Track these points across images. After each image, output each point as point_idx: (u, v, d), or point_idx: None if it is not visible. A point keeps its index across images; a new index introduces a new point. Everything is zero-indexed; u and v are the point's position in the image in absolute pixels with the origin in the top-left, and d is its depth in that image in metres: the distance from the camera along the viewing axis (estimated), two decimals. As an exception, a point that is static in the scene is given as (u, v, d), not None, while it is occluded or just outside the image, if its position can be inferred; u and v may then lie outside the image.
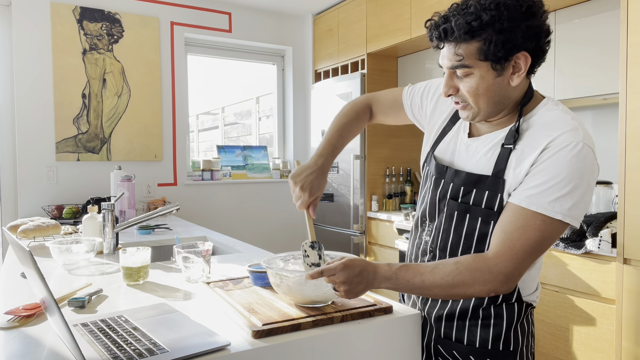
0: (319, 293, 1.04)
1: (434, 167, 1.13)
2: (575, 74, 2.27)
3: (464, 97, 1.01)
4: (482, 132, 1.08)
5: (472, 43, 0.94)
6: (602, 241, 1.88)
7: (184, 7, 3.47)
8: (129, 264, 1.35)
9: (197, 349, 0.86)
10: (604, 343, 1.90)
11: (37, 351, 0.89)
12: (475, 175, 1.03)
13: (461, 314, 1.07)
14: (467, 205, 1.04)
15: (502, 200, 0.99)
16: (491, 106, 1.00)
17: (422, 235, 1.16)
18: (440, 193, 1.10)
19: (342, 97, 3.41)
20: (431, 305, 1.12)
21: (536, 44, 0.95)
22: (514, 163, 0.98)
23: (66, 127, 3.08)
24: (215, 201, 3.62)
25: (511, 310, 1.05)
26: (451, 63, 0.99)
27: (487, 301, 1.04)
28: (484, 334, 1.05)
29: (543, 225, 0.93)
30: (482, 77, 0.97)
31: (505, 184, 0.99)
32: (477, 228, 1.04)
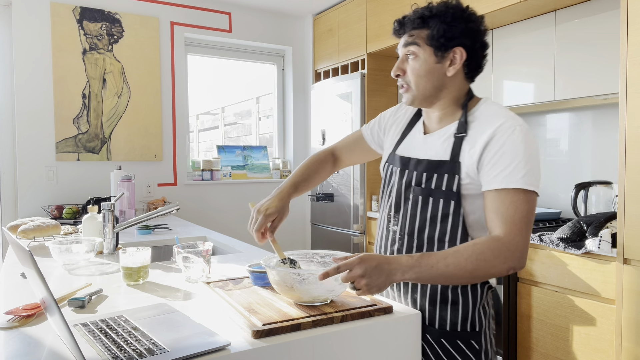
0: (320, 292, 1.05)
1: (398, 160, 1.26)
2: (575, 74, 2.27)
3: (407, 79, 1.20)
4: (433, 129, 1.24)
5: (422, 30, 1.17)
6: (602, 241, 1.88)
7: (184, 7, 3.47)
8: (129, 264, 1.35)
9: (197, 349, 0.86)
10: (604, 343, 1.90)
11: (37, 351, 0.89)
12: (435, 161, 1.17)
13: (432, 300, 1.16)
14: (430, 189, 1.17)
15: (460, 180, 1.13)
16: (429, 89, 1.18)
17: (390, 227, 1.25)
18: (406, 182, 1.22)
19: (342, 97, 3.41)
20: (404, 291, 1.20)
21: (472, 44, 1.16)
22: (467, 148, 1.13)
23: (66, 127, 3.08)
24: (215, 201, 3.62)
25: (474, 292, 1.15)
26: (405, 41, 1.20)
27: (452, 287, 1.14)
28: (453, 316, 1.14)
29: (525, 197, 1.07)
30: (425, 61, 1.16)
31: (462, 165, 1.13)
32: (440, 209, 1.15)
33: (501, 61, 2.61)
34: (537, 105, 2.50)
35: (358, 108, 3.27)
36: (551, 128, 2.72)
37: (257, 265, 1.28)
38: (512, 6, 2.31)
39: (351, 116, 3.32)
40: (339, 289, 1.08)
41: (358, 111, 3.27)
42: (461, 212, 1.13)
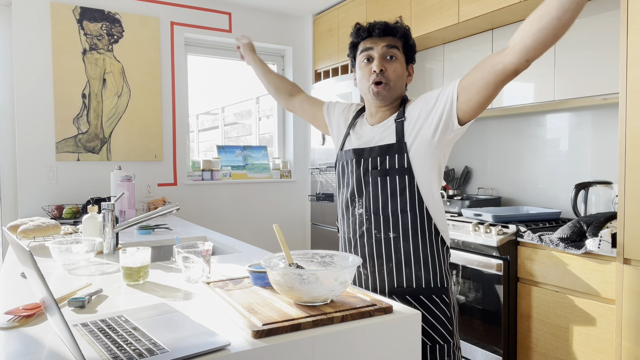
0: (320, 292, 1.05)
1: (351, 153, 1.43)
2: (575, 74, 2.27)
3: (388, 77, 1.38)
4: (375, 121, 1.45)
5: (401, 41, 1.41)
6: (602, 241, 1.88)
7: (184, 7, 3.47)
8: (129, 264, 1.35)
9: (197, 349, 0.86)
10: (604, 343, 1.90)
11: (37, 351, 0.89)
12: (385, 146, 1.36)
13: (407, 262, 1.34)
14: (385, 169, 1.35)
15: (409, 158, 1.33)
16: (400, 89, 1.41)
17: (355, 212, 1.42)
18: (363, 169, 1.39)
19: (342, 97, 3.41)
20: (379, 263, 1.36)
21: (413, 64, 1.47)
22: (410, 127, 1.35)
23: (66, 127, 3.09)
24: (215, 201, 3.62)
25: (439, 253, 1.36)
26: (387, 43, 1.38)
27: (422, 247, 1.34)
28: (426, 274, 1.34)
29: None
30: (401, 65, 1.40)
31: (407, 145, 1.34)
32: (397, 183, 1.34)
33: (501, 61, 2.61)
34: (537, 105, 2.51)
35: (358, 108, 3.26)
36: (551, 128, 2.72)
37: (257, 265, 1.28)
38: (512, 6, 2.31)
39: (351, 116, 3.32)
40: (339, 289, 1.08)
41: (358, 111, 3.26)
42: (415, 184, 1.33)
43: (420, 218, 1.34)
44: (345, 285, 1.09)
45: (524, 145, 2.86)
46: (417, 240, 1.34)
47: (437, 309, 1.32)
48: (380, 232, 1.36)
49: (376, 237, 1.37)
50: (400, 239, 1.34)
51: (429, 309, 1.32)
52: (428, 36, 2.84)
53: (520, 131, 2.87)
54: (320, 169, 3.63)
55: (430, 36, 2.84)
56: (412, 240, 1.34)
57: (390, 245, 1.35)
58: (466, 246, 2.39)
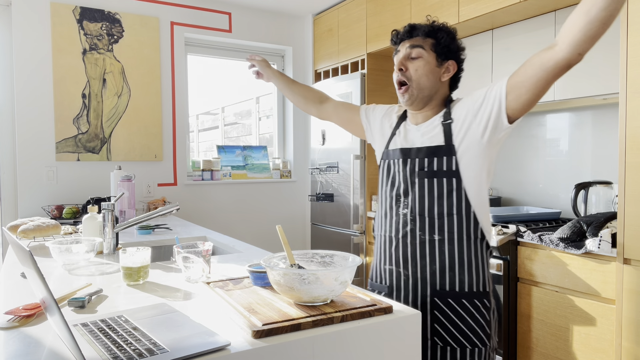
0: (320, 292, 1.05)
1: (398, 152, 1.42)
2: (575, 74, 2.27)
3: (409, 76, 1.37)
4: (420, 122, 1.44)
5: (429, 39, 1.38)
6: (602, 241, 1.88)
7: (184, 7, 3.47)
8: (129, 264, 1.35)
9: (197, 349, 0.86)
10: (604, 343, 1.90)
11: (37, 351, 0.89)
12: (432, 147, 1.35)
13: (451, 266, 1.33)
14: (432, 171, 1.34)
15: (457, 160, 1.32)
16: (426, 88, 1.38)
17: (399, 211, 1.40)
18: (410, 169, 1.38)
19: (342, 97, 3.41)
20: (422, 264, 1.35)
21: (459, 63, 1.42)
22: (457, 128, 1.34)
23: (66, 127, 3.09)
24: (215, 201, 3.62)
25: (482, 255, 1.35)
26: (411, 43, 1.39)
27: (467, 251, 1.33)
28: (469, 279, 1.33)
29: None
30: (428, 62, 1.37)
31: (455, 147, 1.33)
32: (444, 186, 1.33)
33: (501, 61, 2.61)
34: (537, 105, 2.50)
35: (358, 108, 3.26)
36: (551, 128, 2.72)
37: (257, 265, 1.28)
38: (512, 6, 2.31)
39: (351, 116, 3.32)
40: (339, 289, 1.08)
41: (358, 111, 3.26)
42: (462, 187, 1.32)
43: (466, 221, 1.33)
44: (345, 285, 1.09)
45: (524, 145, 2.86)
46: (462, 244, 1.33)
47: (477, 312, 1.32)
48: (424, 234, 1.35)
49: (420, 239, 1.35)
50: (445, 242, 1.33)
51: (470, 313, 1.31)
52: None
53: (520, 131, 2.87)
54: (320, 169, 3.63)
55: (430, 36, 2.84)
56: (457, 244, 1.33)
57: (434, 248, 1.34)
58: (466, 246, 2.39)
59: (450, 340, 1.31)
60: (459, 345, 1.31)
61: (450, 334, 1.31)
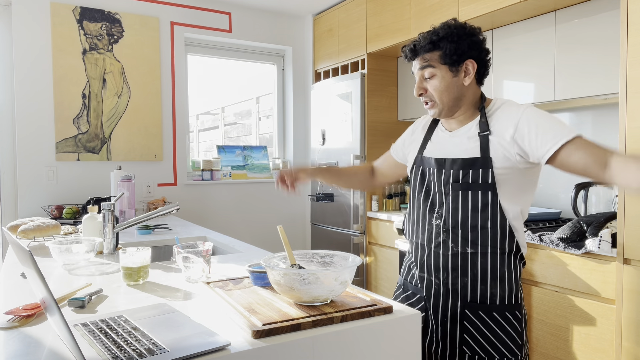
0: (320, 292, 1.05)
1: (433, 161, 1.38)
2: (575, 74, 2.27)
3: (431, 95, 1.34)
4: (454, 128, 1.40)
5: (434, 52, 1.32)
6: (602, 241, 1.88)
7: (184, 7, 3.47)
8: (129, 264, 1.35)
9: (197, 349, 0.86)
10: (604, 343, 1.90)
11: (37, 351, 0.89)
12: (469, 159, 1.30)
13: (482, 279, 1.31)
14: (467, 183, 1.30)
15: (493, 173, 1.27)
16: (452, 101, 1.33)
17: (432, 220, 1.37)
18: (444, 180, 1.34)
19: (342, 97, 3.41)
20: (453, 276, 1.33)
21: (478, 54, 1.33)
22: (495, 141, 1.28)
23: (66, 127, 3.08)
24: (215, 201, 3.62)
25: (515, 268, 1.33)
26: (420, 65, 1.35)
27: (500, 265, 1.30)
28: (501, 292, 1.30)
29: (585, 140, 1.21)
30: (443, 77, 1.32)
31: (492, 160, 1.28)
32: (479, 199, 1.29)
33: (501, 61, 2.61)
34: (537, 105, 2.50)
35: (358, 108, 3.27)
36: (551, 128, 2.71)
37: (257, 265, 1.28)
38: (512, 6, 2.31)
39: (351, 116, 3.32)
40: (339, 289, 1.08)
41: (358, 111, 3.27)
42: (498, 200, 1.28)
43: (501, 235, 1.30)
44: (345, 285, 1.09)
45: (524, 145, 2.85)
46: (496, 257, 1.31)
47: (508, 324, 1.30)
48: (457, 246, 1.32)
49: (452, 250, 1.33)
50: (478, 255, 1.31)
51: (500, 325, 1.30)
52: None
53: (520, 131, 2.87)
54: (320, 169, 3.62)
55: (430, 36, 2.84)
56: (490, 257, 1.31)
57: (467, 260, 1.32)
58: (466, 246, 2.39)
59: (479, 350, 1.30)
60: (487, 354, 1.29)
61: (479, 344, 1.30)
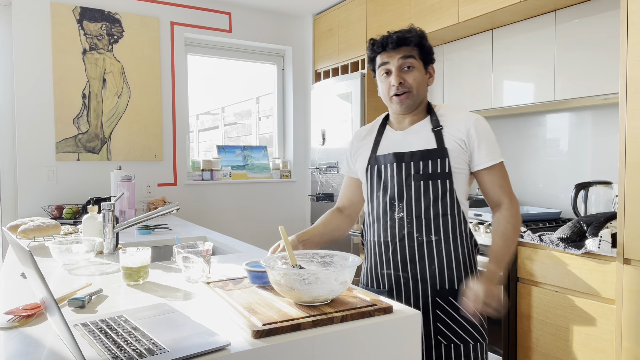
0: (320, 292, 1.05)
1: (391, 157, 1.44)
2: (575, 74, 2.27)
3: (409, 86, 1.42)
4: (405, 127, 1.49)
5: (417, 48, 1.44)
6: (602, 241, 1.88)
7: (184, 7, 3.47)
8: (129, 264, 1.35)
9: (197, 349, 0.86)
10: (604, 343, 1.90)
11: (37, 351, 0.89)
12: (426, 150, 1.40)
13: (449, 265, 1.39)
14: (427, 174, 1.39)
15: (450, 162, 1.39)
16: (421, 96, 1.46)
17: (394, 216, 1.43)
18: (405, 173, 1.41)
19: (342, 97, 3.41)
20: (421, 265, 1.40)
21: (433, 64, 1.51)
22: (448, 136, 1.41)
23: (66, 127, 3.08)
24: (215, 201, 3.62)
25: (474, 254, 1.44)
26: (403, 54, 1.42)
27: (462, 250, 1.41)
28: (465, 277, 1.40)
29: (503, 167, 1.44)
30: (420, 72, 1.44)
31: (447, 151, 1.39)
32: (439, 188, 1.39)
33: (501, 61, 2.61)
34: (537, 105, 2.50)
35: (358, 108, 3.27)
36: (551, 128, 2.72)
37: (254, 264, 1.28)
38: (512, 6, 2.31)
39: (351, 116, 3.32)
40: (339, 289, 1.08)
41: (358, 111, 3.27)
42: (454, 189, 1.40)
43: (458, 221, 1.40)
44: (345, 285, 1.09)
45: (524, 145, 2.86)
46: (457, 242, 1.40)
47: None
48: (422, 235, 1.39)
49: (418, 240, 1.40)
50: (441, 242, 1.39)
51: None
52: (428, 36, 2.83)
53: (520, 131, 2.87)
54: (320, 169, 3.62)
55: (430, 36, 2.83)
56: (452, 243, 1.39)
57: (432, 248, 1.39)
58: (466, 246, 2.39)
59: (454, 338, 1.36)
60: (462, 341, 1.36)
61: (453, 332, 1.36)
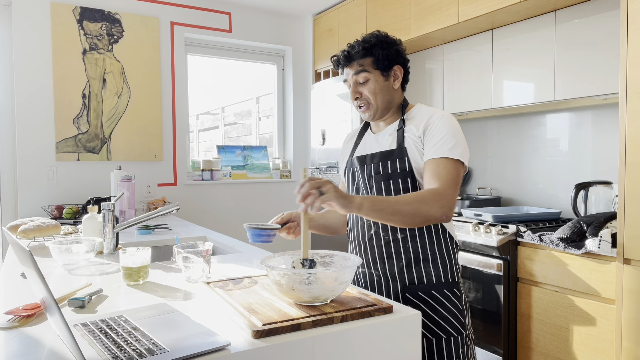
0: (320, 292, 1.05)
1: (356, 160, 1.49)
2: (575, 74, 2.27)
3: (366, 98, 1.45)
4: (380, 129, 1.51)
5: (367, 58, 1.44)
6: (602, 241, 1.88)
7: (184, 7, 3.47)
8: (129, 264, 1.35)
9: (197, 349, 0.86)
10: (604, 343, 1.90)
11: (37, 351, 0.89)
12: (386, 151, 1.42)
13: (416, 261, 1.38)
14: (388, 174, 1.41)
15: (410, 161, 1.38)
16: (385, 103, 1.45)
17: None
18: (367, 174, 1.45)
19: (342, 97, 3.41)
20: (389, 263, 1.40)
21: (403, 61, 1.47)
22: (409, 136, 1.40)
23: (66, 127, 3.08)
24: (215, 201, 3.62)
25: (448, 250, 1.41)
26: (355, 70, 1.44)
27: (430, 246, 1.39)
28: (435, 271, 1.39)
29: (454, 164, 1.33)
30: (377, 81, 1.44)
31: (407, 150, 1.39)
32: (400, 187, 1.39)
33: (501, 61, 2.61)
34: (537, 105, 2.50)
35: (358, 108, 3.26)
36: (551, 128, 2.72)
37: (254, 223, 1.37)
38: (512, 6, 2.31)
39: (351, 116, 3.32)
40: (339, 289, 1.08)
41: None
42: (417, 186, 1.38)
43: None
44: (346, 285, 1.09)
45: (524, 145, 2.86)
46: (424, 238, 1.39)
47: (449, 302, 1.37)
48: (387, 234, 1.40)
49: (385, 239, 1.41)
50: (408, 239, 1.39)
51: (441, 303, 1.37)
52: (428, 36, 2.84)
53: (520, 131, 2.87)
54: (320, 169, 3.62)
55: (430, 36, 2.84)
56: (419, 239, 1.39)
57: (399, 246, 1.39)
58: (466, 246, 2.39)
59: (426, 332, 1.35)
60: (434, 335, 1.35)
61: (424, 326, 1.36)
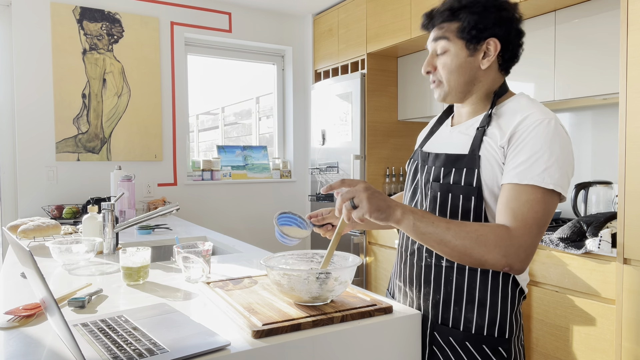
0: (320, 292, 1.04)
1: (418, 155, 1.21)
2: (575, 74, 2.27)
3: (439, 75, 1.13)
4: (461, 121, 1.18)
5: (452, 23, 1.09)
6: (602, 241, 1.88)
7: (184, 7, 3.47)
8: (129, 264, 1.35)
9: (197, 349, 0.86)
10: (604, 343, 1.90)
11: (37, 351, 0.89)
12: (453, 155, 1.10)
13: (457, 299, 1.08)
14: (448, 184, 1.09)
15: (480, 175, 1.05)
16: (461, 85, 1.11)
17: None
18: (425, 178, 1.16)
19: (342, 97, 3.41)
20: (425, 291, 1.13)
21: (506, 34, 1.08)
22: (488, 142, 1.06)
23: (66, 127, 3.08)
24: (215, 201, 3.62)
25: (505, 294, 1.06)
26: (434, 36, 1.13)
27: (481, 286, 1.06)
28: (479, 319, 1.06)
29: (543, 196, 0.98)
30: (456, 55, 1.09)
31: (481, 159, 1.05)
32: (459, 205, 1.07)
33: (501, 61, 2.61)
34: (537, 105, 2.50)
35: (358, 108, 3.27)
36: (551, 128, 2.71)
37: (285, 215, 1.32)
38: (512, 6, 2.30)
39: (351, 116, 3.32)
40: (339, 289, 1.08)
41: (358, 111, 3.27)
42: (483, 209, 1.05)
43: None
44: (345, 285, 1.09)
45: (524, 145, 2.85)
46: (475, 276, 1.06)
47: None
48: (431, 257, 1.12)
49: (426, 261, 1.13)
50: (453, 270, 1.08)
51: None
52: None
53: (520, 131, 2.87)
54: (320, 169, 3.62)
55: (430, 36, 2.84)
56: (468, 275, 1.07)
57: (440, 275, 1.10)
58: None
59: None
60: None
61: None
